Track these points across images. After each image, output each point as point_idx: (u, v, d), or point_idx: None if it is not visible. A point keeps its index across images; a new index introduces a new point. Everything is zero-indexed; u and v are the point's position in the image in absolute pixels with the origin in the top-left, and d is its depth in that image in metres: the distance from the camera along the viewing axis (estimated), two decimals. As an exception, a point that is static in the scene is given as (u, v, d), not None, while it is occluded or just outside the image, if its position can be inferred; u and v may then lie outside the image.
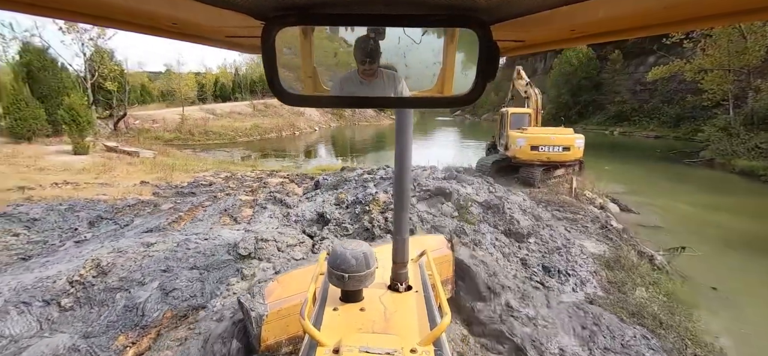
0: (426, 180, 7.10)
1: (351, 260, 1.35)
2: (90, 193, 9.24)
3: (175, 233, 5.76)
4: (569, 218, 7.46)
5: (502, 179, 11.51)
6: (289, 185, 11.46)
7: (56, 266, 4.40)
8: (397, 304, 1.45)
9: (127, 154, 15.83)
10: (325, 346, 1.13)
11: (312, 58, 0.78)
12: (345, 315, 1.39)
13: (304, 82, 0.82)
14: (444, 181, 7.25)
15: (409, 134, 1.48)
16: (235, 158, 21.61)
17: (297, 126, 42.20)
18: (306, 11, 0.61)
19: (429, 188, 5.94)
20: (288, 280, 2.67)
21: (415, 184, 6.50)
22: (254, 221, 7.21)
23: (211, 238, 5.39)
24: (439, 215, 5.35)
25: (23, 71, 20.10)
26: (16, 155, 14.19)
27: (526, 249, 5.32)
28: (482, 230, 5.33)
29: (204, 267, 4.22)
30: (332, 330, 1.28)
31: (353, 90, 0.84)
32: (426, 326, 1.32)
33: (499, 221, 5.88)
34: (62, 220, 6.56)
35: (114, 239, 5.94)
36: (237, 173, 13.03)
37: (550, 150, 10.66)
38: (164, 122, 34.52)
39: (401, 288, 1.56)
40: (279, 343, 2.43)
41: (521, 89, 13.24)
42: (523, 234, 5.59)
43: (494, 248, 5.00)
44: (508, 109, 12.33)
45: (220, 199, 9.19)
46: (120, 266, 4.06)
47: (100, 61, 25.35)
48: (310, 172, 14.21)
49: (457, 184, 7.04)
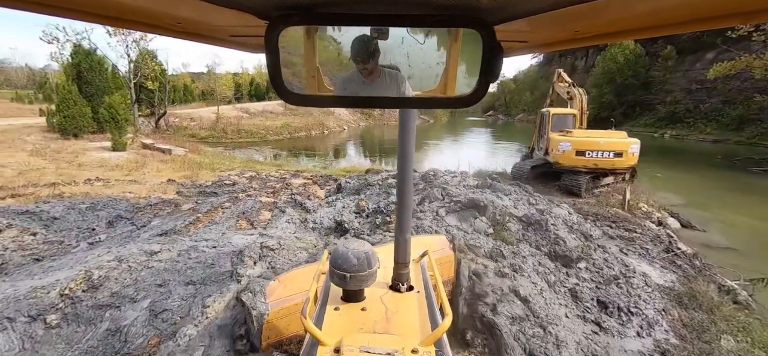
0: (456, 188, 6.35)
1: (353, 260, 1.34)
2: (118, 190, 9.33)
3: (185, 239, 5.45)
4: (624, 236, 6.42)
5: (540, 187, 10.48)
6: (311, 187, 11.10)
7: (58, 273, 4.16)
8: (398, 304, 1.45)
9: (161, 151, 16.26)
10: (327, 346, 1.14)
11: (315, 57, 0.77)
12: (346, 314, 1.39)
13: (308, 81, 0.81)
14: (477, 190, 6.47)
15: (412, 134, 1.47)
16: (262, 156, 21.82)
17: (326, 125, 42.43)
18: (309, 11, 0.61)
19: (460, 199, 5.20)
20: (289, 279, 2.62)
21: (444, 193, 5.79)
22: (271, 226, 6.83)
23: (220, 245, 5.01)
24: (472, 231, 4.62)
25: (73, 72, 21.44)
26: (61, 151, 14.95)
27: (576, 277, 4.46)
28: (522, 251, 4.54)
29: (201, 280, 3.80)
30: (333, 329, 1.28)
31: (356, 90, 0.83)
32: (427, 326, 1.31)
33: (542, 240, 5.04)
34: (82, 219, 6.50)
35: (126, 242, 5.74)
36: (261, 173, 12.89)
37: (598, 156, 9.48)
38: (201, 121, 35.88)
39: (403, 288, 1.55)
40: (281, 341, 2.43)
41: (563, 90, 12.06)
42: (571, 258, 4.72)
43: (537, 275, 4.20)
44: (549, 109, 11.21)
45: (241, 200, 8.95)
46: (114, 279, 3.72)
47: (143, 62, 26.56)
48: (335, 173, 13.82)
49: (492, 194, 6.24)
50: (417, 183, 7.43)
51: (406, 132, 1.46)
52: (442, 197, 5.59)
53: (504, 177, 12.49)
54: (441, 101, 0.90)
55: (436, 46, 0.75)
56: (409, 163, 1.51)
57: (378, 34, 0.70)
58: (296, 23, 0.62)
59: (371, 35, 0.71)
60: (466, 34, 0.70)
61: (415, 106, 1.38)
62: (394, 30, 0.68)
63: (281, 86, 0.67)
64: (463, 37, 0.72)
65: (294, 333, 2.44)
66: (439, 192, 5.72)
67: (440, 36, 0.75)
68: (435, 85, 0.83)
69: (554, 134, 10.41)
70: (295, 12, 0.60)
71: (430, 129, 54.76)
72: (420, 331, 1.28)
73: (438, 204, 5.29)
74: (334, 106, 0.76)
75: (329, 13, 0.62)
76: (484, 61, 0.63)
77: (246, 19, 0.63)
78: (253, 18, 0.62)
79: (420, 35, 0.70)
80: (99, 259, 4.58)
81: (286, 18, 0.60)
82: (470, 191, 6.23)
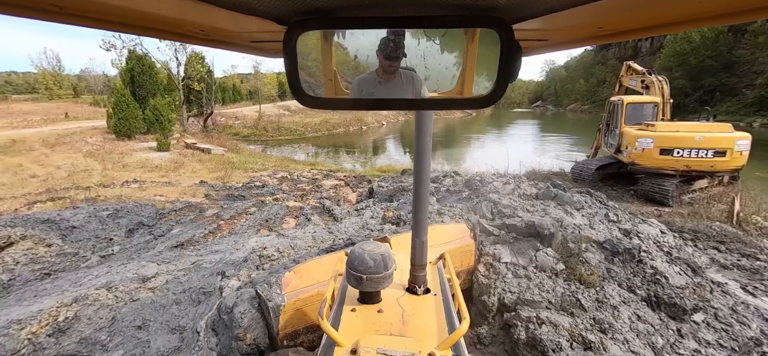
0: (508, 199, 5.11)
1: (369, 262, 1.35)
2: (150, 193, 9.23)
3: (191, 255, 4.84)
4: (743, 266, 4.77)
5: (610, 191, 8.75)
6: (343, 189, 10.33)
7: (46, 299, 3.67)
8: (414, 307, 1.43)
9: (201, 151, 16.51)
10: (343, 347, 1.14)
11: (332, 61, 0.77)
12: (363, 316, 1.38)
13: (325, 85, 0.78)
14: (537, 201, 5.17)
15: (429, 135, 1.43)
16: (298, 154, 21.65)
17: (364, 121, 41.95)
18: (326, 15, 0.62)
19: (514, 223, 3.99)
20: (304, 271, 2.59)
21: (494, 209, 4.59)
22: (292, 236, 6.09)
23: (225, 261, 4.31)
24: (533, 269, 3.42)
25: (128, 76, 22.76)
26: (112, 152, 15.69)
27: (694, 338, 3.10)
28: (610, 297, 3.26)
29: (190, 324, 3.05)
30: (350, 330, 1.28)
31: (372, 92, 0.81)
32: (444, 330, 1.30)
33: (634, 277, 3.70)
34: (101, 228, 6.23)
35: (138, 256, 5.29)
36: (294, 173, 12.41)
37: (692, 155, 7.58)
38: (244, 119, 37.08)
39: (419, 290, 1.52)
40: (297, 332, 2.46)
41: (635, 84, 10.04)
42: (681, 306, 3.35)
43: (636, 336, 2.93)
44: (622, 97, 9.30)
45: (267, 205, 8.39)
46: (87, 319, 3.08)
47: (190, 64, 27.70)
48: (369, 173, 12.96)
49: (557, 206, 4.91)
50: (460, 190, 6.25)
51: (423, 134, 1.41)
52: (491, 215, 4.39)
53: (563, 178, 10.80)
54: (458, 102, 0.80)
55: (452, 46, 0.74)
56: (425, 164, 1.46)
57: (394, 36, 0.68)
58: (314, 28, 0.63)
59: (388, 37, 0.68)
60: (484, 34, 0.68)
61: (432, 108, 1.26)
62: (411, 31, 0.67)
63: (299, 90, 0.68)
64: (481, 36, 0.70)
65: (310, 322, 2.46)
66: (487, 208, 4.53)
67: (457, 36, 0.74)
68: (452, 86, 0.80)
69: (630, 128, 8.59)
70: (312, 17, 0.61)
71: (473, 122, 52.22)
72: (437, 335, 1.26)
73: (487, 224, 4.13)
74: (351, 109, 0.77)
75: (346, 16, 0.63)
76: (502, 61, 0.62)
77: (265, 25, 0.65)
78: (272, 24, 0.64)
79: (437, 36, 0.69)
80: (96, 279, 4.08)
81: (304, 23, 0.61)
82: (528, 203, 4.96)
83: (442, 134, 36.23)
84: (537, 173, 11.25)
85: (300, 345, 2.48)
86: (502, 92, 0.65)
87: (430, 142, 1.44)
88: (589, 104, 68.48)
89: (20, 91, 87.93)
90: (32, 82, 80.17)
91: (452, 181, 6.98)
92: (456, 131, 39.99)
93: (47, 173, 11.66)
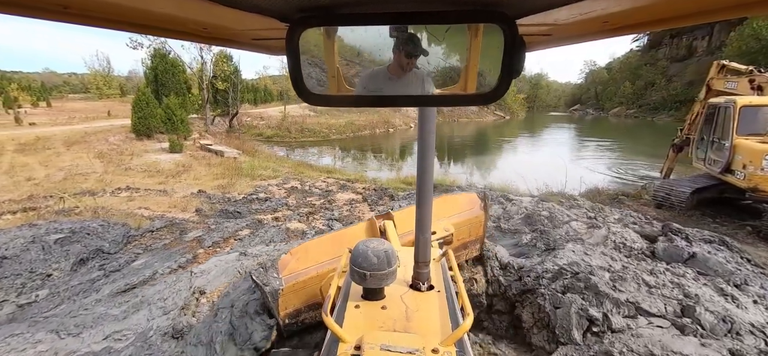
0: (601, 258, 3.14)
1: (372, 259, 1.34)
2: (134, 205, 7.98)
3: (114, 322, 3.29)
4: None
5: (712, 224, 6.46)
6: (359, 206, 8.62)
7: None
8: (418, 303, 1.42)
9: (214, 153, 15.48)
10: (347, 343, 1.14)
11: (335, 58, 0.76)
12: (366, 312, 1.38)
13: (329, 81, 0.78)
14: (658, 267, 3.15)
15: (432, 132, 1.42)
16: (320, 159, 20.28)
17: (391, 123, 40.28)
18: (329, 12, 0.61)
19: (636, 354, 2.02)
20: (301, 252, 2.53)
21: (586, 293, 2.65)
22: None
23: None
24: None
25: (152, 75, 22.44)
26: (123, 152, 14.97)
27: None
28: None
29: None
30: (354, 327, 1.27)
31: (381, 88, 0.79)
32: (448, 326, 1.29)
33: None
34: (43, 258, 4.90)
35: (74, 299, 3.85)
36: (306, 182, 10.89)
37: None
38: (269, 120, 36.52)
39: (423, 287, 1.52)
40: (299, 310, 2.47)
41: (736, 87, 7.58)
42: None
43: None
44: (735, 99, 6.87)
45: (263, 226, 6.85)
46: None
47: (215, 63, 27.21)
48: (392, 185, 11.19)
49: (701, 280, 2.89)
50: (516, 229, 4.23)
51: (426, 130, 1.41)
52: (581, 321, 2.45)
53: (635, 200, 8.48)
54: (462, 98, 0.81)
55: (455, 42, 0.73)
56: (429, 161, 1.46)
57: (397, 32, 0.68)
58: (316, 24, 0.63)
59: (390, 34, 0.68)
60: (487, 28, 0.67)
61: (436, 104, 1.23)
62: (413, 27, 0.67)
63: (302, 87, 0.67)
64: (484, 31, 0.69)
65: (310, 300, 2.47)
66: (580, 300, 2.60)
67: (460, 32, 0.72)
68: (455, 82, 0.80)
69: (749, 141, 6.24)
70: (314, 13, 0.61)
71: (506, 126, 49.07)
72: (440, 331, 1.26)
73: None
74: (355, 105, 0.76)
75: (348, 12, 0.62)
76: (505, 56, 0.62)
77: (267, 22, 0.64)
78: (274, 21, 0.63)
79: (439, 32, 0.69)
80: None
81: (306, 20, 0.60)
82: (643, 270, 2.98)
83: (472, 139, 33.79)
84: (601, 193, 9.00)
85: (302, 321, 2.50)
86: (506, 89, 0.64)
87: (433, 138, 1.44)
88: (635, 108, 63.10)
89: (76, 91, 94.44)
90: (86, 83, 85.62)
91: (503, 211, 5.03)
92: (488, 135, 37.34)
93: (46, 175, 10.86)
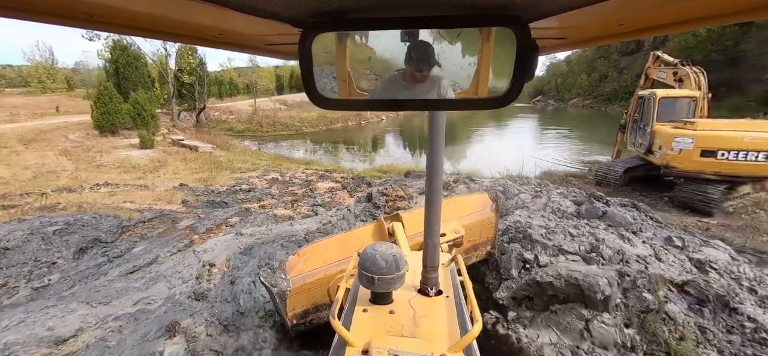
0: (541, 219, 4.07)
1: (381, 263, 1.33)
2: (120, 199, 8.16)
3: (138, 292, 3.80)
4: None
5: (640, 198, 7.75)
6: (339, 193, 9.28)
7: None
8: (426, 308, 1.42)
9: (188, 148, 15.41)
10: (355, 347, 1.13)
11: (346, 62, 0.77)
12: (374, 316, 1.37)
13: (340, 85, 0.79)
14: (581, 223, 4.13)
15: (442, 136, 1.44)
16: (294, 152, 20.54)
17: (363, 115, 40.75)
18: (341, 17, 0.62)
19: (551, 277, 2.92)
20: (309, 253, 2.53)
21: (524, 242, 3.53)
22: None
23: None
24: (589, 348, 2.40)
25: (112, 68, 21.52)
26: (90, 150, 14.56)
27: None
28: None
29: None
30: (362, 331, 1.27)
31: (394, 93, 0.80)
32: (456, 332, 1.28)
33: (730, 335, 2.70)
34: (44, 248, 5.18)
35: (82, 285, 4.25)
36: (286, 174, 11.35)
37: (740, 158, 6.57)
38: (238, 114, 35.80)
39: (431, 292, 1.51)
40: (307, 311, 2.48)
41: (665, 77, 8.98)
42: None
43: None
44: (655, 91, 8.23)
45: (252, 214, 7.35)
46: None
47: (180, 56, 26.36)
48: (369, 174, 11.90)
49: (608, 229, 3.88)
50: None
51: (436, 135, 1.42)
52: (519, 263, 3.33)
53: (582, 180, 9.78)
54: (474, 102, 0.80)
55: (467, 46, 0.72)
56: (438, 165, 1.47)
57: (409, 37, 0.68)
58: (328, 30, 0.63)
59: (401, 39, 0.67)
60: (499, 32, 0.66)
61: (447, 108, 1.21)
62: (424, 32, 0.66)
63: (314, 91, 0.68)
64: (496, 35, 0.68)
65: (318, 301, 2.48)
66: (519, 247, 3.49)
67: (472, 36, 0.71)
68: (467, 86, 0.78)
69: (664, 126, 7.56)
70: (327, 19, 0.61)
71: (473, 116, 51.04)
72: (448, 337, 1.24)
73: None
74: (366, 109, 0.74)
75: (360, 18, 0.62)
76: (518, 60, 0.60)
77: (281, 28, 0.65)
78: (287, 27, 0.64)
79: (451, 36, 0.68)
80: None
81: (319, 25, 0.61)
82: (569, 225, 3.93)
83: (446, 130, 35.10)
84: (553, 175, 10.23)
85: (310, 322, 2.51)
86: (518, 93, 0.64)
87: (442, 143, 1.43)
88: (591, 99, 67.49)
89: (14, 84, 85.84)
90: (25, 76, 78.17)
91: (466, 189, 5.94)
92: (457, 125, 38.88)
93: (11, 174, 10.54)
